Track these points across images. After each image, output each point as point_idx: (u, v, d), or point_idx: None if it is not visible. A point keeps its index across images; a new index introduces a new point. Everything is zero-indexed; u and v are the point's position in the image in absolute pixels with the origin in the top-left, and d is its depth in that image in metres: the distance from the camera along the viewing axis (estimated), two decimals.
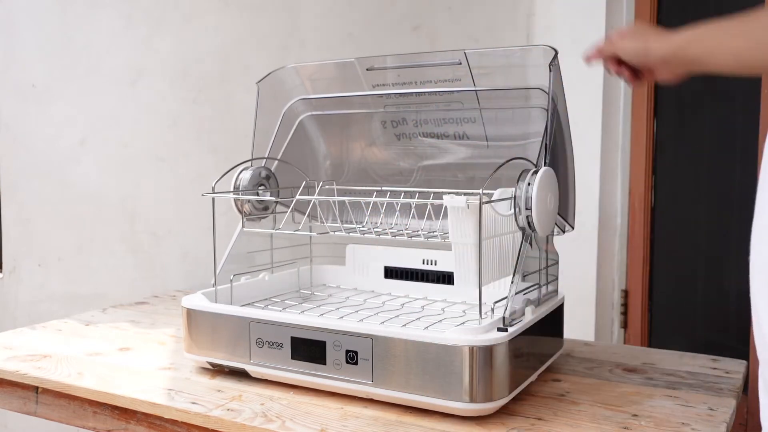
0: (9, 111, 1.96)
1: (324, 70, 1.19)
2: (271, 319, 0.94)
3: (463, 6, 1.85)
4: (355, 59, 1.14)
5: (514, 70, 1.02)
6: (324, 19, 1.85)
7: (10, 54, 1.94)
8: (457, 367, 0.82)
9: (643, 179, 1.82)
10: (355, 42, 1.84)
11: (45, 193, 1.94)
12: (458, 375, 0.82)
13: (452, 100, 1.08)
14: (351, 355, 0.89)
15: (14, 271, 1.99)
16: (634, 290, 1.83)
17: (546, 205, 0.92)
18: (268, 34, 1.85)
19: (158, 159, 1.86)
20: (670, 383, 0.98)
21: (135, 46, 1.87)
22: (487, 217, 0.87)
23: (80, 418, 0.97)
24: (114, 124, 1.89)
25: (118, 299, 1.66)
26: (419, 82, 1.09)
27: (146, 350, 1.12)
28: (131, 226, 1.89)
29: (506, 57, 1.04)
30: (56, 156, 1.93)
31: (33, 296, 1.96)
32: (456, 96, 1.07)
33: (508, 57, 1.03)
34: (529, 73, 1.01)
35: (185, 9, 1.86)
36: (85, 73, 1.90)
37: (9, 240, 1.99)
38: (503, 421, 0.83)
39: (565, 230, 1.03)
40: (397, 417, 0.85)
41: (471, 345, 0.82)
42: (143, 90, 1.87)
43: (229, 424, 0.84)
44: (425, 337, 0.84)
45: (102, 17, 1.88)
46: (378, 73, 1.13)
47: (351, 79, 1.16)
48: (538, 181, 0.89)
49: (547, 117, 1.00)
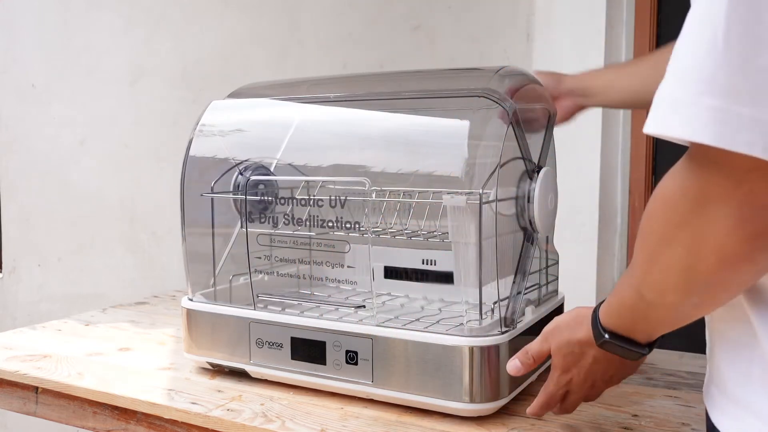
0: (9, 111, 1.96)
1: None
2: (271, 320, 0.94)
3: (463, 6, 1.85)
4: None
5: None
6: (324, 19, 1.85)
7: (10, 54, 1.94)
8: (457, 367, 0.82)
9: (643, 179, 1.82)
10: (355, 42, 1.84)
11: (45, 193, 1.94)
12: (458, 375, 0.82)
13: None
14: (351, 356, 0.89)
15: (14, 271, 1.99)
16: None
17: (547, 205, 0.92)
18: (268, 34, 1.85)
19: (158, 159, 1.86)
20: (670, 383, 0.98)
21: (135, 46, 1.87)
22: (487, 216, 0.87)
23: (80, 418, 0.97)
24: (114, 124, 1.89)
25: (118, 299, 1.66)
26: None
27: (146, 350, 1.12)
28: (131, 226, 1.89)
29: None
30: (56, 156, 1.93)
31: (33, 296, 1.96)
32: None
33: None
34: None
35: (185, 9, 1.86)
36: (85, 73, 1.90)
37: (9, 240, 1.99)
38: (503, 421, 0.83)
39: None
40: (397, 417, 0.85)
41: (471, 345, 0.82)
42: (143, 90, 1.87)
43: (229, 424, 0.84)
44: (425, 338, 0.84)
45: (102, 17, 1.88)
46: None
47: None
48: (540, 180, 0.89)
49: (549, 115, 1.00)
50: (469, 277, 0.88)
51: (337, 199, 0.96)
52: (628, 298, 0.63)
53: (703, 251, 0.51)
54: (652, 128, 0.48)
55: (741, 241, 0.48)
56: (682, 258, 0.52)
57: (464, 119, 0.93)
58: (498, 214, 0.89)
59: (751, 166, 0.45)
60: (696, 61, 0.45)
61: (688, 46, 0.46)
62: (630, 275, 0.61)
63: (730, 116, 0.44)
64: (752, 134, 0.43)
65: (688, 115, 0.45)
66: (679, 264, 0.53)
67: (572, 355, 0.74)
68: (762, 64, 0.43)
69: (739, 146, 0.44)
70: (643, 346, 0.67)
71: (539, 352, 0.78)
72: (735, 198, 0.47)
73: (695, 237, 0.50)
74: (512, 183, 0.91)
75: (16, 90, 1.95)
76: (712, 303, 0.57)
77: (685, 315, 0.59)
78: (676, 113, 0.46)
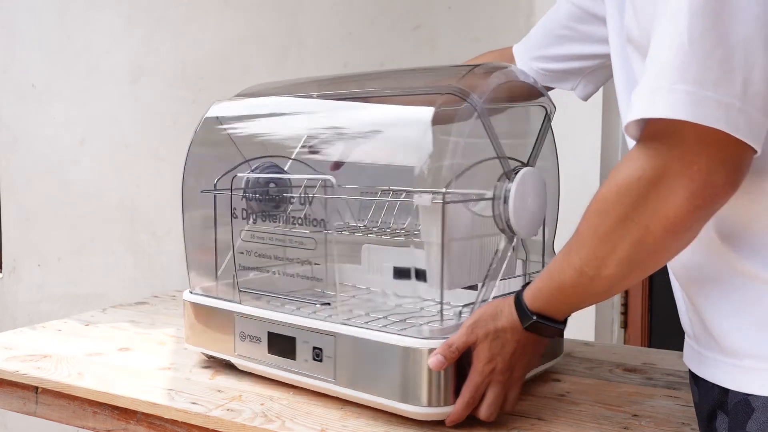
0: (9, 111, 1.96)
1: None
2: (251, 314, 0.96)
3: (463, 6, 1.85)
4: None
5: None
6: (324, 19, 1.85)
7: (10, 54, 1.94)
8: (411, 369, 0.81)
9: None
10: (355, 42, 1.84)
11: (45, 193, 1.94)
12: (413, 377, 0.81)
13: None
14: (317, 352, 0.89)
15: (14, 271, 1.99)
16: (634, 290, 1.83)
17: (527, 206, 0.89)
18: (268, 34, 1.85)
19: (158, 159, 1.86)
20: (670, 383, 0.98)
21: (135, 46, 1.87)
22: (463, 216, 0.87)
23: (80, 418, 0.97)
24: (114, 124, 1.89)
25: (118, 299, 1.66)
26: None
27: (146, 350, 1.12)
28: (131, 226, 1.89)
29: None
30: (56, 156, 1.93)
31: (33, 296, 1.96)
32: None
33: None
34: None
35: (185, 9, 1.86)
36: (85, 73, 1.90)
37: (9, 240, 1.99)
38: (503, 421, 0.83)
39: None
40: (397, 417, 0.84)
41: (427, 347, 0.80)
42: (143, 90, 1.87)
43: (229, 424, 0.84)
44: (382, 337, 0.83)
45: (102, 17, 1.88)
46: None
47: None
48: (518, 181, 0.87)
49: (545, 114, 0.99)
50: (433, 277, 0.88)
51: (305, 197, 0.96)
52: (565, 276, 0.72)
53: (653, 225, 0.60)
54: (640, 113, 0.57)
55: (688, 213, 0.58)
56: (633, 233, 0.62)
57: (429, 117, 0.90)
58: (476, 215, 0.88)
59: (709, 140, 0.55)
60: (670, 58, 0.55)
61: (662, 48, 0.56)
62: (570, 255, 0.70)
63: (699, 98, 0.54)
64: (716, 112, 0.54)
65: (669, 99, 0.55)
66: (629, 238, 0.62)
67: (497, 341, 0.79)
68: (719, 58, 0.53)
69: (709, 121, 0.54)
70: (561, 322, 0.78)
71: (465, 344, 0.80)
72: (688, 175, 0.57)
73: (650, 213, 0.60)
74: (489, 183, 0.89)
75: (16, 90, 1.95)
76: (642, 272, 0.67)
77: (617, 287, 0.70)
78: (659, 98, 0.55)
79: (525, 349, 0.80)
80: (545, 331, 0.78)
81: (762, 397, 0.61)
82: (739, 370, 0.63)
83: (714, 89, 0.53)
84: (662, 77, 0.55)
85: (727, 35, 0.53)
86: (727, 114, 0.54)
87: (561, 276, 0.73)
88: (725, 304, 0.65)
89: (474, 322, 0.80)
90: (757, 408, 0.62)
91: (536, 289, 0.77)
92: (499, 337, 0.79)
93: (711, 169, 0.56)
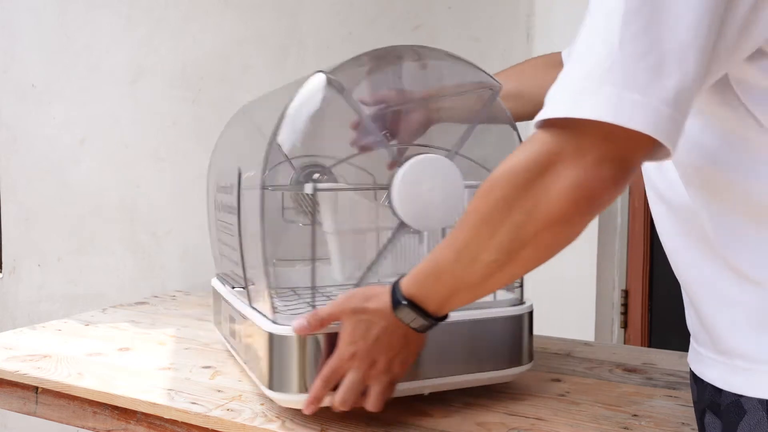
0: (9, 111, 1.96)
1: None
2: (226, 298, 1.04)
3: (463, 6, 1.85)
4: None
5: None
6: (324, 19, 1.85)
7: (10, 54, 1.94)
8: (262, 353, 0.84)
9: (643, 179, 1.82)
10: (355, 42, 1.84)
11: (45, 193, 1.93)
12: (264, 362, 0.83)
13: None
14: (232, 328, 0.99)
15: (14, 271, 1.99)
16: (634, 290, 1.83)
17: (421, 196, 0.84)
18: (268, 34, 1.85)
19: (158, 159, 1.86)
20: (670, 383, 0.98)
21: (135, 46, 1.87)
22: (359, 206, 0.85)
23: (80, 418, 0.97)
24: (114, 124, 1.89)
25: (118, 299, 1.66)
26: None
27: (146, 350, 1.12)
28: (131, 226, 1.89)
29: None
30: (56, 156, 1.93)
31: (33, 296, 1.96)
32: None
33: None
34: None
35: (185, 9, 1.86)
36: (85, 73, 1.90)
37: (9, 240, 1.99)
38: (503, 421, 0.83)
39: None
40: (396, 417, 0.85)
41: (269, 332, 0.82)
42: (143, 90, 1.87)
43: (229, 424, 0.84)
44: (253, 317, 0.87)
45: (102, 17, 1.88)
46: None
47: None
48: (404, 168, 0.83)
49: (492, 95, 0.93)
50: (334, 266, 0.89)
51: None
52: (444, 261, 0.69)
53: (535, 211, 0.60)
54: (563, 112, 0.56)
55: (570, 202, 0.58)
56: (514, 217, 0.61)
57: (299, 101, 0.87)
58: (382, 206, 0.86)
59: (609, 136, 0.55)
60: (600, 60, 0.54)
61: (592, 47, 0.56)
62: (452, 238, 0.68)
63: (625, 101, 0.53)
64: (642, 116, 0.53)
65: (595, 101, 0.54)
66: (510, 223, 0.62)
67: (362, 323, 0.76)
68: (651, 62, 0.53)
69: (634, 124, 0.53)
70: (432, 317, 0.74)
71: (330, 315, 0.78)
72: (578, 165, 0.57)
73: (533, 198, 0.60)
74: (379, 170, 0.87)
75: (16, 90, 1.95)
76: (520, 267, 0.65)
77: (493, 279, 0.67)
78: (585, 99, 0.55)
79: (391, 339, 0.76)
80: (414, 321, 0.74)
81: (753, 399, 0.61)
82: (732, 370, 0.63)
83: (642, 93, 0.53)
84: (590, 78, 0.55)
85: (660, 41, 0.53)
86: (656, 118, 0.53)
87: (439, 257, 0.70)
88: (719, 304, 0.65)
89: (347, 297, 0.78)
90: (749, 410, 0.61)
91: (414, 272, 0.73)
92: (366, 319, 0.76)
93: (601, 163, 0.57)
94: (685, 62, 0.53)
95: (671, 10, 0.53)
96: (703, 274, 0.66)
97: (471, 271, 0.67)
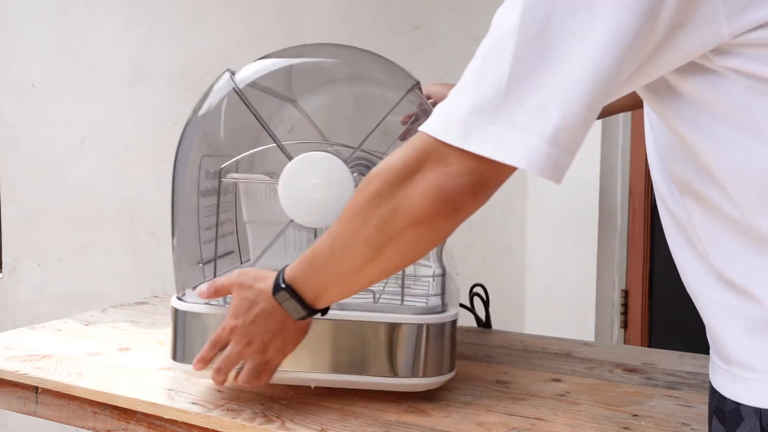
0: (9, 111, 1.96)
1: None
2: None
3: (463, 6, 1.85)
4: None
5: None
6: (324, 19, 1.85)
7: (10, 54, 1.94)
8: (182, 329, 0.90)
9: (643, 179, 1.82)
10: (355, 42, 1.84)
11: (45, 193, 1.94)
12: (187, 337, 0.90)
13: None
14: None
15: (14, 271, 1.99)
16: (634, 290, 1.83)
17: (307, 193, 0.87)
18: (268, 34, 1.85)
19: (158, 159, 1.86)
20: (670, 383, 0.98)
21: (135, 46, 1.87)
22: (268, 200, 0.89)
23: (80, 418, 0.97)
24: (114, 124, 1.89)
25: (118, 299, 1.66)
26: None
27: (146, 350, 1.12)
28: (131, 226, 1.89)
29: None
30: (56, 156, 1.93)
31: (33, 296, 1.96)
32: None
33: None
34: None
35: (185, 9, 1.86)
36: (85, 73, 1.90)
37: (9, 240, 1.99)
38: (503, 421, 0.83)
39: None
40: (397, 417, 0.85)
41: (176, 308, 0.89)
42: (143, 90, 1.87)
43: (229, 424, 0.84)
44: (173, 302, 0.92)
45: (102, 17, 1.88)
46: None
47: None
48: (289, 166, 0.87)
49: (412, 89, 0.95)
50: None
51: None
52: (321, 249, 0.73)
53: (400, 209, 0.65)
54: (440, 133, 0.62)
55: (431, 204, 0.63)
56: (382, 212, 0.66)
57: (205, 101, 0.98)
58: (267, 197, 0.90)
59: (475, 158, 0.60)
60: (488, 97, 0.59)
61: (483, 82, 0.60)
62: (331, 229, 0.72)
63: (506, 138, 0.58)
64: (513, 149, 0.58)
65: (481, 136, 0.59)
66: (377, 217, 0.66)
67: (245, 300, 0.80)
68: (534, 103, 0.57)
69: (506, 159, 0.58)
70: (309, 307, 0.76)
71: (222, 285, 0.83)
72: (439, 170, 0.62)
73: (400, 196, 0.65)
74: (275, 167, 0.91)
75: (16, 90, 1.95)
76: (387, 263, 0.69)
77: (364, 273, 0.71)
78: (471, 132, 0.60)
79: (268, 322, 0.79)
80: (290, 306, 0.77)
81: (748, 407, 0.62)
82: (733, 377, 0.64)
83: (523, 131, 0.57)
84: (477, 114, 0.59)
85: (545, 83, 0.57)
86: (531, 154, 0.57)
87: (318, 246, 0.73)
88: (718, 313, 0.65)
89: (242, 272, 0.82)
90: (746, 417, 0.62)
91: (298, 260, 0.77)
92: (251, 297, 0.79)
93: (464, 175, 0.62)
94: (568, 103, 0.57)
95: (556, 56, 0.57)
96: (704, 284, 0.67)
97: (343, 261, 0.71)
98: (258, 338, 0.79)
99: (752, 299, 0.61)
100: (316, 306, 0.77)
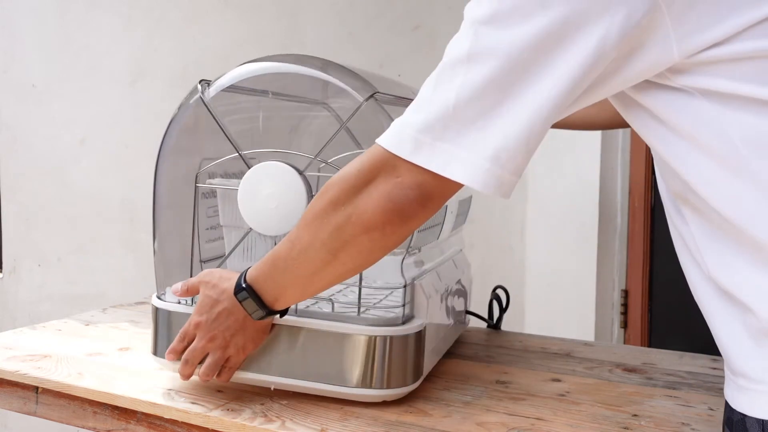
0: (9, 111, 1.96)
1: None
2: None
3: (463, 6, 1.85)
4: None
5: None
6: (324, 19, 1.85)
7: (10, 54, 1.94)
8: (161, 327, 0.94)
9: (643, 179, 1.82)
10: (355, 42, 1.84)
11: (45, 193, 1.94)
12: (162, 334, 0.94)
13: None
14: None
15: (14, 271, 1.99)
16: (634, 290, 1.83)
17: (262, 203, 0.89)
18: (268, 34, 1.85)
19: None
20: (670, 383, 0.99)
21: (135, 46, 1.87)
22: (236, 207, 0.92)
23: (80, 418, 0.97)
24: (114, 124, 1.89)
25: (118, 299, 1.66)
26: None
27: (146, 350, 1.12)
28: (131, 226, 1.89)
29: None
30: (56, 156, 1.93)
31: (33, 296, 1.96)
32: None
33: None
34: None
35: (185, 9, 1.86)
36: (85, 73, 1.90)
37: (9, 240, 1.99)
38: (503, 421, 0.84)
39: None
40: (397, 417, 0.85)
41: (156, 306, 0.93)
42: (143, 90, 1.87)
43: (229, 424, 0.84)
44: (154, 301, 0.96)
45: (102, 17, 1.88)
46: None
47: None
48: (246, 175, 0.90)
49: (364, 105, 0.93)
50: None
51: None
52: (281, 252, 0.76)
53: (354, 216, 0.69)
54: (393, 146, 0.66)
55: (382, 212, 0.67)
56: (338, 217, 0.70)
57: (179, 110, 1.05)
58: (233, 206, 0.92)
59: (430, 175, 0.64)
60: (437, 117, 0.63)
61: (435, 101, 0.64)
62: (291, 232, 0.75)
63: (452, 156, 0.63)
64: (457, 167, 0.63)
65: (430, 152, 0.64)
66: (333, 222, 0.70)
67: (209, 298, 0.84)
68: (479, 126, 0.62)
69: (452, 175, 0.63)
70: (267, 308, 0.80)
71: (191, 285, 0.87)
72: (391, 181, 0.66)
73: (354, 203, 0.68)
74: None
75: (16, 90, 1.95)
76: (342, 267, 0.73)
77: (320, 276, 0.74)
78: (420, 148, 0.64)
79: (229, 320, 0.83)
80: (250, 306, 0.80)
81: (752, 418, 0.62)
82: (738, 388, 0.64)
83: (468, 149, 0.62)
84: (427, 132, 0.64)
85: (491, 108, 0.61)
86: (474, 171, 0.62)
87: (278, 248, 0.77)
88: (721, 323, 0.65)
89: (209, 271, 0.86)
90: (750, 428, 0.62)
91: (260, 261, 0.80)
92: (214, 294, 0.83)
93: (414, 187, 0.66)
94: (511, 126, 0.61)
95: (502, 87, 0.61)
96: (708, 293, 0.67)
97: (301, 265, 0.74)
98: (220, 335, 0.84)
99: (749, 311, 0.61)
100: (275, 307, 0.81)
